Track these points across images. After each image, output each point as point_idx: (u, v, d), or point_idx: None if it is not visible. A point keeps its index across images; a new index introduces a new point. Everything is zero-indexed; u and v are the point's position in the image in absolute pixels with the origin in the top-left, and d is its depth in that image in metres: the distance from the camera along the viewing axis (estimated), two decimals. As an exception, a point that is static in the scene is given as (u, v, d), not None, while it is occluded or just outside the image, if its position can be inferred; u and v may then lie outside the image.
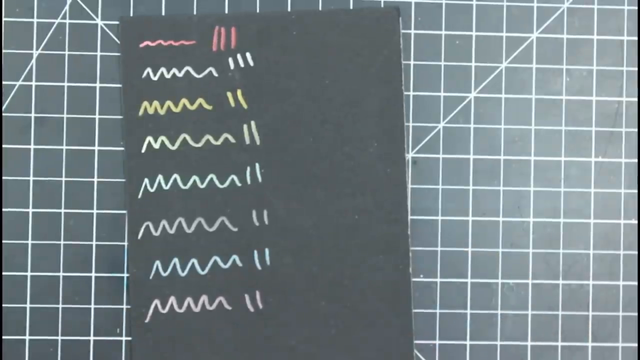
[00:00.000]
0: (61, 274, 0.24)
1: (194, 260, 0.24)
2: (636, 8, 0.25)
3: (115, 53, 0.24)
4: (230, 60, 0.24)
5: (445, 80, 0.24)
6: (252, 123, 0.24)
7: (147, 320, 0.24)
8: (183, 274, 0.24)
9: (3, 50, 0.24)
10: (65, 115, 0.24)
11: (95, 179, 0.24)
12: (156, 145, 0.24)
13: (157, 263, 0.24)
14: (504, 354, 0.24)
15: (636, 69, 0.25)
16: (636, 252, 0.25)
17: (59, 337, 0.24)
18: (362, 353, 0.24)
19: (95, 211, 0.24)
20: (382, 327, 0.24)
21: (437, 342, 0.24)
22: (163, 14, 0.24)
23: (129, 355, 0.24)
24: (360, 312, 0.24)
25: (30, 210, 0.24)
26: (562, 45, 0.25)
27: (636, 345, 0.25)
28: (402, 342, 0.24)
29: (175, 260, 0.24)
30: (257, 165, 0.24)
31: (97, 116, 0.24)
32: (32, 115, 0.24)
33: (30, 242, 0.24)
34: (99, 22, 0.24)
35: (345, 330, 0.24)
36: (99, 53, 0.24)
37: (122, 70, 0.24)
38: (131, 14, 0.24)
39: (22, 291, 0.24)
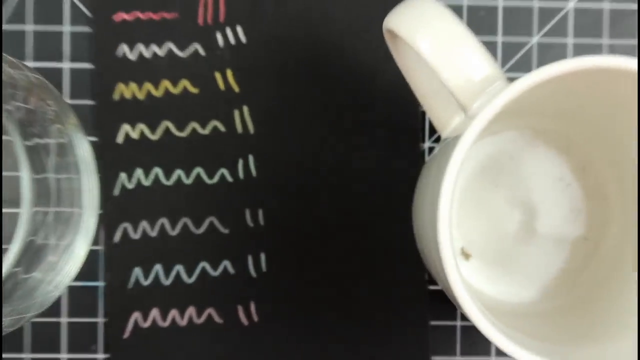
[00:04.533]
0: (27, 283, 0.24)
1: (179, 267, 0.24)
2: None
3: (86, 28, 0.24)
4: (219, 35, 0.24)
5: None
6: (245, 109, 0.24)
7: (125, 336, 0.24)
8: (167, 283, 0.24)
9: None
10: (28, 101, 0.24)
11: (65, 174, 0.24)
12: (134, 135, 0.24)
13: (137, 270, 0.24)
14: None
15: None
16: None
17: (26, 355, 0.24)
18: None
19: (64, 211, 0.24)
20: (396, 342, 0.24)
21: (458, 358, 0.25)
22: None
23: None
24: (370, 325, 0.24)
25: None
26: (602, 17, 0.25)
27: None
28: (418, 358, 0.24)
29: (158, 267, 0.24)
30: (250, 157, 0.24)
31: (67, 101, 0.24)
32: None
33: None
34: None
35: (353, 345, 0.24)
36: (67, 28, 0.24)
37: (93, 47, 0.24)
38: None
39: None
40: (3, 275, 0.19)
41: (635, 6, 0.25)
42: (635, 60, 0.17)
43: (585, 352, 0.19)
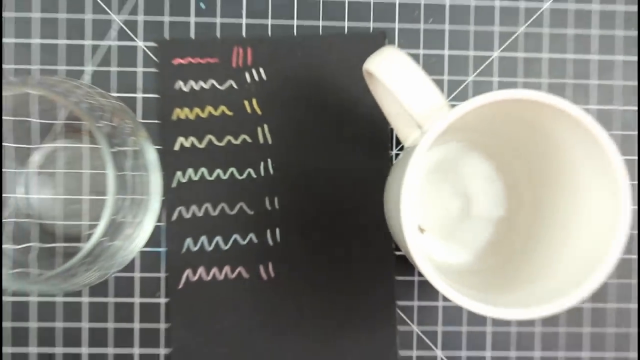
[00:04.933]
0: (111, 248, 0.24)
1: (218, 238, 0.24)
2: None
3: (153, 69, 0.25)
4: (247, 74, 0.25)
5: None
6: (265, 126, 0.25)
7: (180, 287, 0.24)
8: (209, 249, 0.24)
9: (65, 67, 0.24)
10: (113, 120, 0.24)
11: (138, 172, 0.24)
12: (187, 144, 0.25)
13: (188, 240, 0.24)
14: (471, 313, 0.25)
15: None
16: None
17: (110, 299, 0.24)
18: (355, 312, 0.25)
19: (138, 198, 0.24)
20: (371, 290, 0.25)
21: (415, 302, 0.25)
22: (192, 37, 0.25)
23: (166, 314, 0.24)
24: (352, 279, 0.25)
25: (86, 197, 0.24)
26: (517, 63, 0.25)
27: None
28: (386, 302, 0.25)
29: (203, 237, 0.24)
30: (269, 160, 0.25)
31: (140, 120, 0.25)
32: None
33: (87, 222, 0.24)
34: (140, 43, 0.25)
35: (341, 294, 0.25)
36: (140, 69, 0.25)
37: (158, 83, 0.25)
38: (167, 37, 0.25)
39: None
40: (94, 244, 0.18)
41: (540, 55, 0.25)
42: (538, 92, 0.18)
43: (503, 298, 0.19)
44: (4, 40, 0.24)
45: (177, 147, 0.25)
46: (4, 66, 0.24)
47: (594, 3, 0.25)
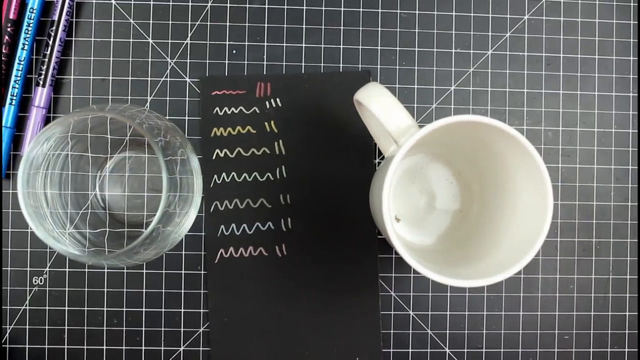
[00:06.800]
0: (165, 232, 0.24)
1: (245, 225, 0.25)
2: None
3: (197, 99, 0.25)
4: (267, 102, 0.25)
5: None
6: (280, 141, 0.25)
7: (215, 262, 0.24)
8: (238, 233, 0.25)
9: (132, 97, 0.25)
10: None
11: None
12: (221, 155, 0.25)
13: (222, 226, 0.25)
14: (434, 282, 0.25)
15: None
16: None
17: (163, 271, 0.25)
18: (347, 280, 0.25)
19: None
20: (359, 265, 0.25)
21: (393, 274, 0.25)
22: (226, 74, 0.25)
23: (205, 282, 0.25)
24: (345, 256, 0.25)
25: (146, 194, 0.25)
26: (468, 94, 0.26)
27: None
28: (371, 274, 0.25)
29: (233, 224, 0.25)
30: (283, 167, 0.25)
31: (186, 137, 0.25)
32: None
33: (147, 213, 0.24)
34: (187, 80, 0.25)
35: (337, 267, 0.25)
36: (187, 98, 0.25)
37: (201, 109, 0.25)
38: (207, 75, 0.25)
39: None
40: (151, 229, 0.18)
41: (485, 88, 0.25)
42: (483, 116, 0.18)
43: (459, 271, 0.19)
44: (90, 77, 0.24)
45: (214, 157, 0.25)
46: (89, 96, 0.24)
47: (523, 51, 0.25)
